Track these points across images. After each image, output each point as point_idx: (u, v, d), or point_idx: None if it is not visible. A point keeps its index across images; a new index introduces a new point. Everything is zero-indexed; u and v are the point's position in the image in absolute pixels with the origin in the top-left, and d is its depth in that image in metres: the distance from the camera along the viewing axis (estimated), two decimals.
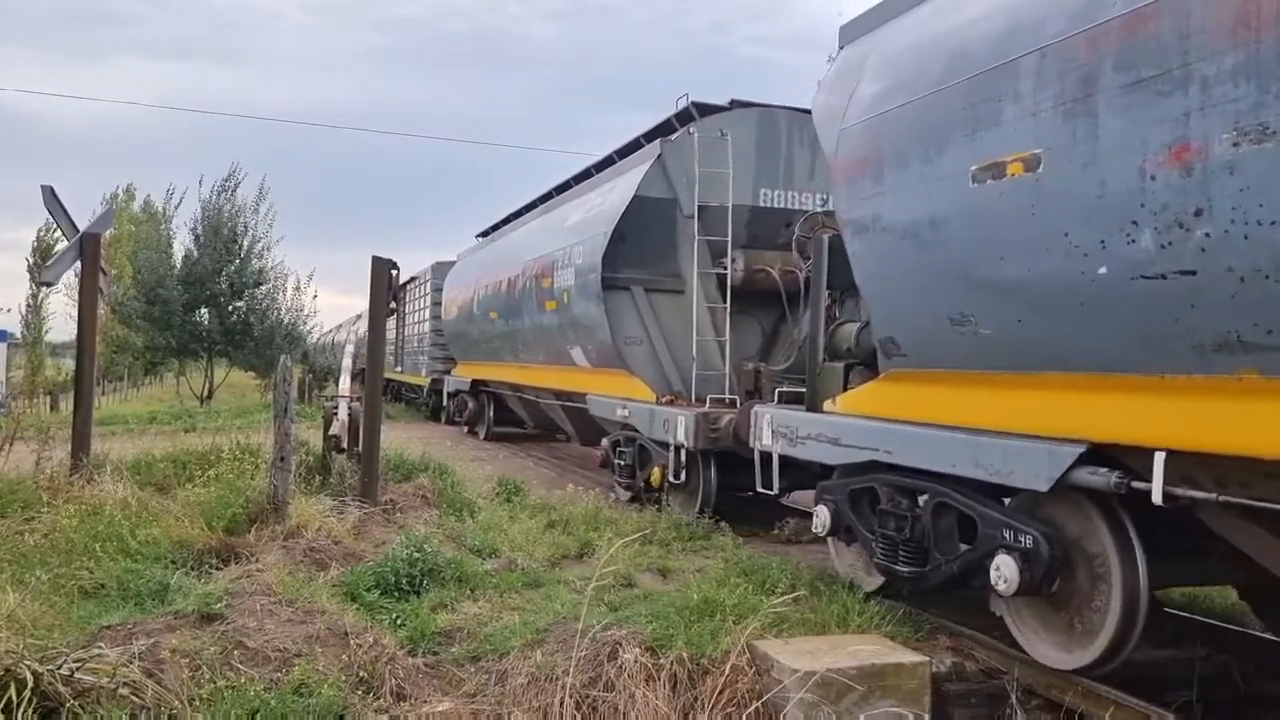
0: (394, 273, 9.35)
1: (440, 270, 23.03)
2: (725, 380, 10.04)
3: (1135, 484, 4.52)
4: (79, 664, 4.40)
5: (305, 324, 34.94)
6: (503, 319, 15.56)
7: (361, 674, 4.90)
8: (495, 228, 19.21)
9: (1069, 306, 4.63)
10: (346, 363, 13.06)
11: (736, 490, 9.70)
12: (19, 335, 31.29)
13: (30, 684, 4.13)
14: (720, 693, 5.04)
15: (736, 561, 7.33)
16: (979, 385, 5.45)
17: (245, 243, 30.45)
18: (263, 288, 31.16)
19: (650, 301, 10.69)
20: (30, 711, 4.08)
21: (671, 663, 5.11)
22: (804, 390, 7.76)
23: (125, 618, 5.30)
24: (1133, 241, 4.19)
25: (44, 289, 29.02)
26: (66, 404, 19.60)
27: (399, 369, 28.81)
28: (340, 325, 44.23)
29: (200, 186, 33.89)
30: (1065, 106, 4.49)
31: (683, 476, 9.63)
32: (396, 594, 6.23)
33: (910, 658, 5.30)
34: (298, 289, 34.31)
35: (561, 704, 4.85)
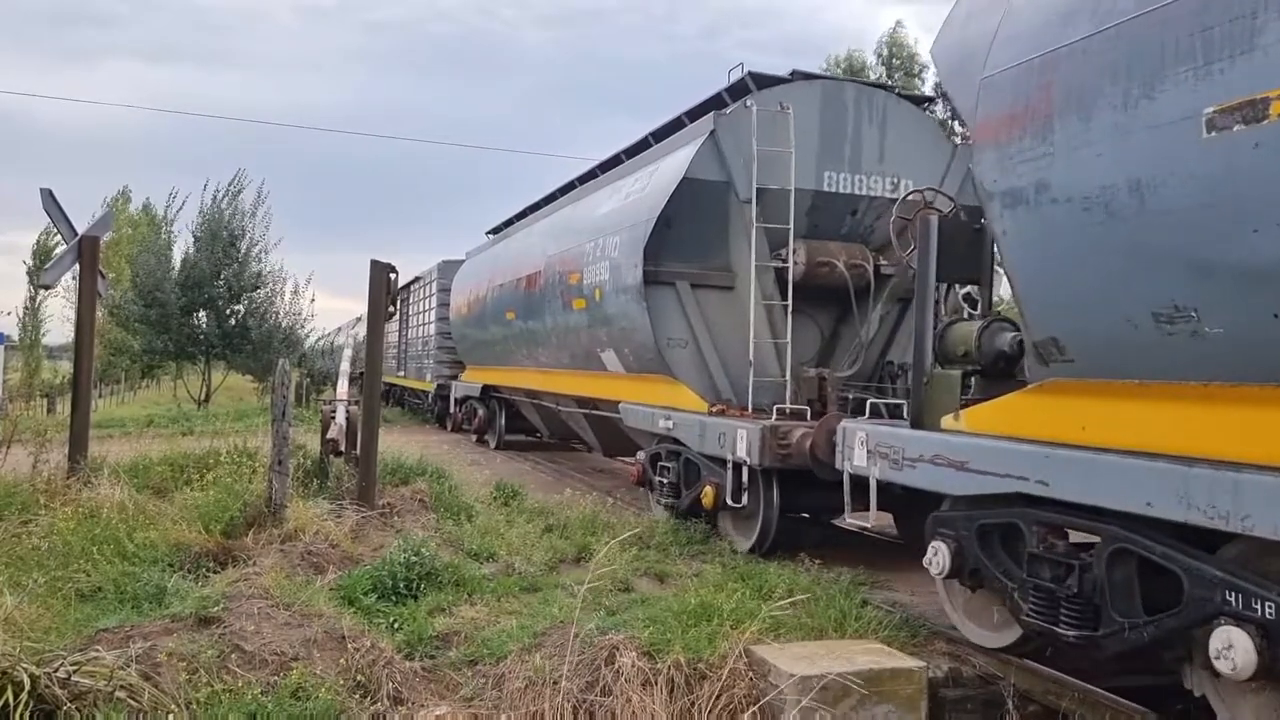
0: (393, 276, 9.36)
1: (447, 269, 21.58)
2: (785, 388, 8.89)
3: None
4: (76, 667, 4.40)
5: (303, 327, 34.90)
6: (520, 319, 14.39)
7: (358, 677, 4.91)
8: (509, 223, 17.97)
9: None
10: (344, 366, 13.06)
11: (794, 513, 8.81)
12: (16, 338, 31.27)
13: (27, 687, 4.14)
14: (717, 697, 5.05)
15: (734, 566, 7.34)
16: (1192, 400, 4.28)
17: (244, 246, 30.41)
18: (261, 291, 31.13)
19: (697, 298, 9.52)
20: (27, 714, 4.08)
21: (669, 667, 5.12)
22: (885, 400, 7.06)
23: (122, 621, 5.31)
24: None
25: (42, 291, 29.09)
26: (63, 407, 19.57)
27: (401, 373, 27.86)
28: (339, 328, 44.18)
29: (204, 191, 33.75)
30: None
31: (743, 499, 8.43)
32: (394, 598, 6.24)
33: (907, 663, 5.32)
34: (296, 292, 34.13)
35: (558, 708, 4.86)
